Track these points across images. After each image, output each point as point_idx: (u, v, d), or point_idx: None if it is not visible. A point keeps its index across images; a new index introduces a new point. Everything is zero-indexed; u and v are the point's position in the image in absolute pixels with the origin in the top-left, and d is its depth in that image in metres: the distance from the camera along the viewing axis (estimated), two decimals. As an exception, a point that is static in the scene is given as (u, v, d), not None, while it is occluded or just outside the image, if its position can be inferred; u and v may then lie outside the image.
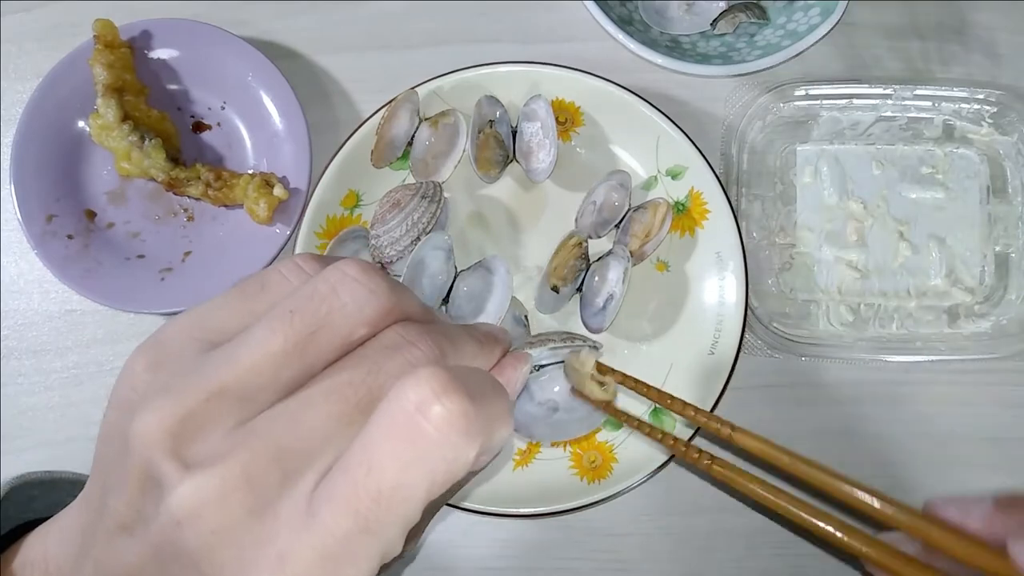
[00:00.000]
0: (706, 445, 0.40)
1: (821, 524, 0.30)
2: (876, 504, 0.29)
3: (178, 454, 0.22)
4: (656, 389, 0.34)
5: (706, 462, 0.33)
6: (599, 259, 0.46)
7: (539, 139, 0.47)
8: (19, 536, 0.27)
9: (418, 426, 0.21)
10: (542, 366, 0.45)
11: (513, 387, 0.29)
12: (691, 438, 0.44)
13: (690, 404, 0.34)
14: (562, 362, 0.44)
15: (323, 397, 0.23)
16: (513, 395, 0.29)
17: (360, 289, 0.25)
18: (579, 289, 0.46)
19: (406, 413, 0.22)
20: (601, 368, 0.35)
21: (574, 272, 0.45)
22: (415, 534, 0.28)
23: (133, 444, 0.23)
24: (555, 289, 0.45)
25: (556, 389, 0.45)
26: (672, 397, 0.34)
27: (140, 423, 0.23)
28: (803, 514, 0.30)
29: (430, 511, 0.27)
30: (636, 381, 0.35)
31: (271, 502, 0.22)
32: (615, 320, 0.46)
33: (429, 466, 0.22)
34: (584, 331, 0.46)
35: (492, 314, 0.44)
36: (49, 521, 0.27)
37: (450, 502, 0.43)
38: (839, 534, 0.29)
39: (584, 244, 0.46)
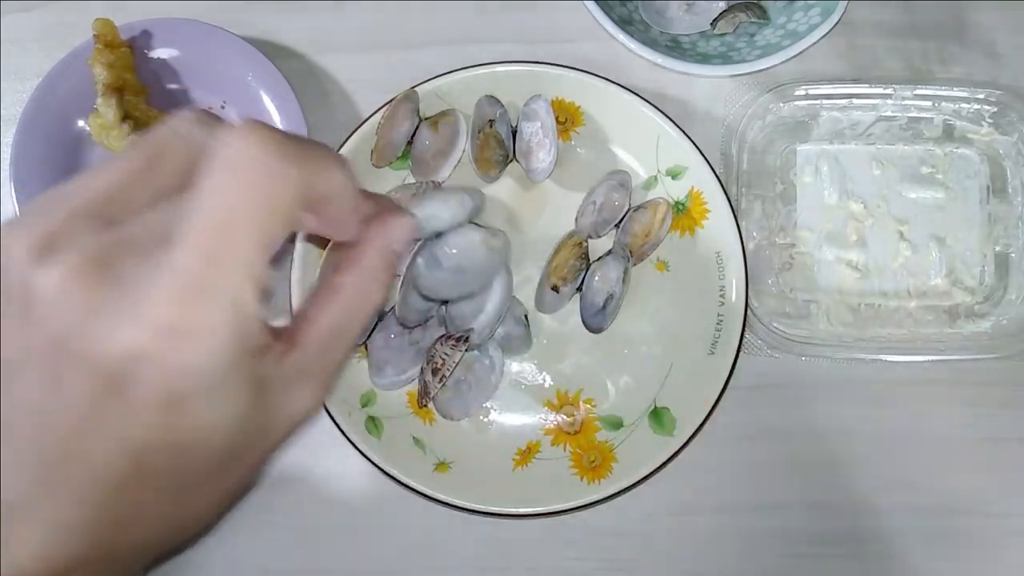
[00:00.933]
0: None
1: None
2: None
3: (41, 259, 0.24)
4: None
5: None
6: (599, 259, 0.46)
7: (539, 139, 0.47)
8: None
9: (234, 156, 0.24)
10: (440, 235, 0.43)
11: (402, 241, 0.31)
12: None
13: None
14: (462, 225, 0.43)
15: (170, 202, 0.26)
16: (399, 248, 0.31)
17: (192, 121, 0.28)
18: (579, 289, 0.46)
19: (226, 151, 0.24)
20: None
21: (574, 272, 0.45)
22: (315, 380, 0.29)
23: (4, 268, 0.24)
24: (555, 289, 0.45)
25: (454, 251, 0.43)
26: None
27: (5, 249, 0.24)
28: None
29: (321, 350, 0.29)
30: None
31: (122, 271, 0.24)
32: (615, 320, 0.46)
33: (254, 189, 0.24)
34: (585, 331, 0.46)
35: (492, 314, 0.44)
36: None
37: (449, 503, 0.43)
38: None
39: (584, 244, 0.46)
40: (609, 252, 0.46)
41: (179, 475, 0.26)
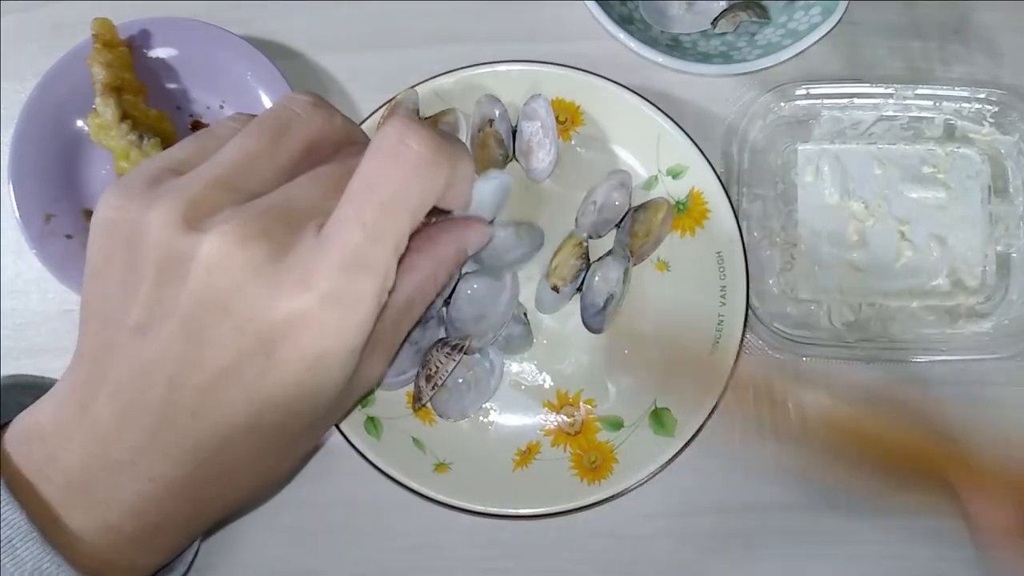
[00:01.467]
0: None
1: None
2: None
3: (196, 227, 0.26)
4: None
5: None
6: (599, 259, 0.46)
7: (539, 138, 0.47)
8: None
9: (402, 150, 0.27)
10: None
11: (469, 240, 0.36)
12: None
13: None
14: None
15: (307, 180, 0.29)
16: (472, 252, 0.36)
17: (308, 104, 0.31)
18: (579, 289, 0.46)
19: (391, 143, 0.27)
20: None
21: (574, 272, 0.45)
22: (385, 352, 0.32)
23: (147, 239, 0.26)
24: (555, 289, 0.45)
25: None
26: None
27: (149, 222, 0.26)
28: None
29: (394, 324, 0.32)
30: None
31: (284, 246, 0.26)
32: (615, 320, 0.46)
33: (414, 180, 0.27)
34: (585, 331, 0.46)
35: (495, 321, 0.44)
36: (34, 404, 0.29)
37: (449, 503, 0.43)
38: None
39: (584, 244, 0.46)
40: (609, 252, 0.46)
41: (282, 434, 0.29)
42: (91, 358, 0.27)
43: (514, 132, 0.48)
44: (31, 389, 0.32)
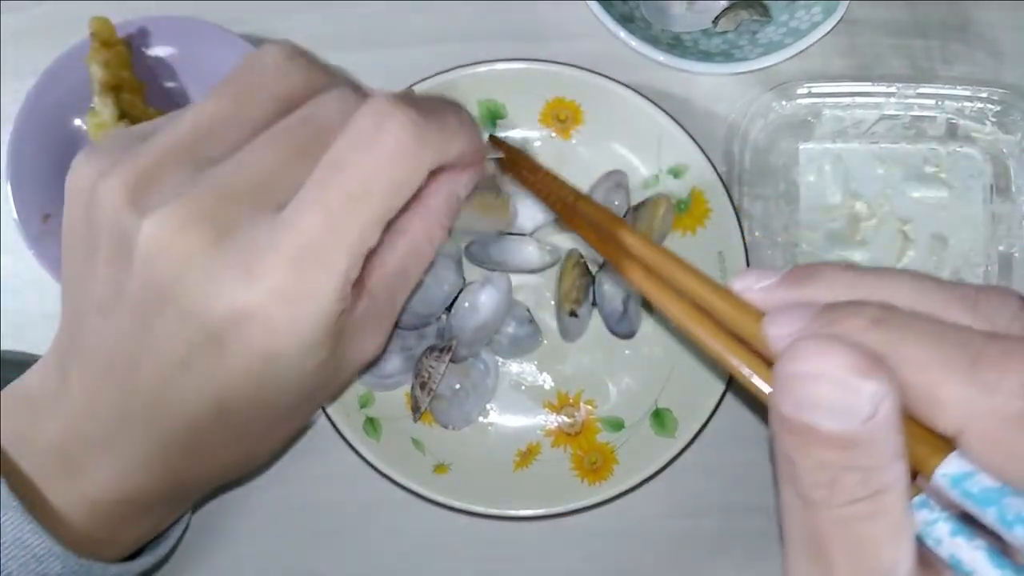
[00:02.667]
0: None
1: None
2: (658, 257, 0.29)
3: (138, 205, 0.24)
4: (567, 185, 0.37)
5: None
6: (600, 266, 0.46)
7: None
8: None
9: (375, 137, 0.24)
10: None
11: (469, 187, 0.32)
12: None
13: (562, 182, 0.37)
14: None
15: (266, 143, 0.26)
16: (464, 193, 0.32)
17: (282, 54, 0.28)
18: (595, 304, 0.46)
19: (366, 125, 0.25)
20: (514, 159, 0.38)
21: (583, 290, 0.45)
22: (379, 326, 0.30)
23: (97, 215, 0.25)
24: (573, 314, 0.45)
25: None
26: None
27: (100, 195, 0.25)
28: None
29: (388, 296, 0.30)
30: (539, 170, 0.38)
31: (231, 229, 0.24)
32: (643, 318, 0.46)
33: (388, 170, 0.25)
34: (585, 332, 0.46)
35: (481, 322, 0.44)
36: (26, 372, 0.29)
37: (449, 505, 0.43)
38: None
39: (582, 259, 0.46)
40: None
41: (254, 421, 0.27)
42: (68, 331, 0.27)
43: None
44: (18, 366, 0.32)
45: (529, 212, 0.46)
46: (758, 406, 0.47)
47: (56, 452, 0.26)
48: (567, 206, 0.38)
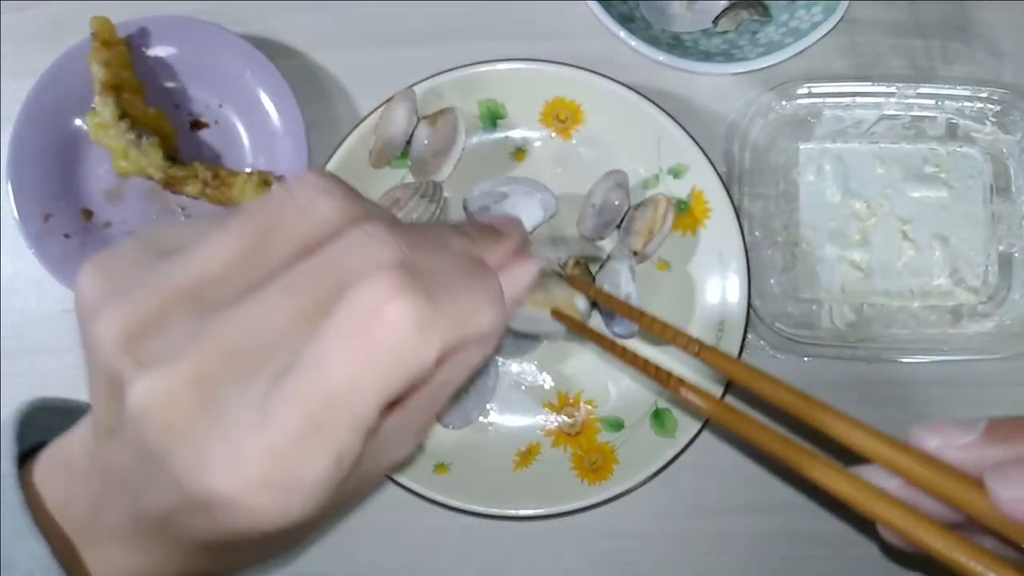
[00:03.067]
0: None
1: (796, 457, 0.27)
2: (847, 431, 0.26)
3: (134, 354, 0.22)
4: (627, 305, 0.33)
5: (675, 384, 0.31)
6: (601, 267, 0.46)
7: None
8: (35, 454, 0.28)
9: (368, 327, 0.21)
10: None
11: (514, 288, 0.27)
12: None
13: (660, 320, 0.32)
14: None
15: (278, 294, 0.23)
16: (518, 295, 0.28)
17: (314, 187, 0.24)
18: (594, 304, 0.46)
19: (357, 314, 0.21)
20: (578, 283, 0.33)
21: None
22: (413, 433, 0.27)
23: (94, 350, 0.23)
24: None
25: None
26: (643, 313, 0.32)
27: (98, 327, 0.23)
28: (776, 446, 0.27)
29: (425, 407, 0.27)
30: (608, 296, 0.33)
31: (222, 401, 0.22)
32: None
33: (380, 368, 0.21)
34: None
35: None
36: (70, 430, 0.28)
37: (449, 505, 0.43)
38: (807, 466, 0.26)
39: (582, 260, 0.46)
40: (609, 257, 0.46)
41: (259, 547, 0.26)
42: (93, 419, 0.26)
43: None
44: (57, 412, 0.31)
45: (528, 210, 0.46)
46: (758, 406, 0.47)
47: (84, 528, 0.26)
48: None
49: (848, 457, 0.27)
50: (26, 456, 0.28)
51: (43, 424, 0.30)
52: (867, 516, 0.25)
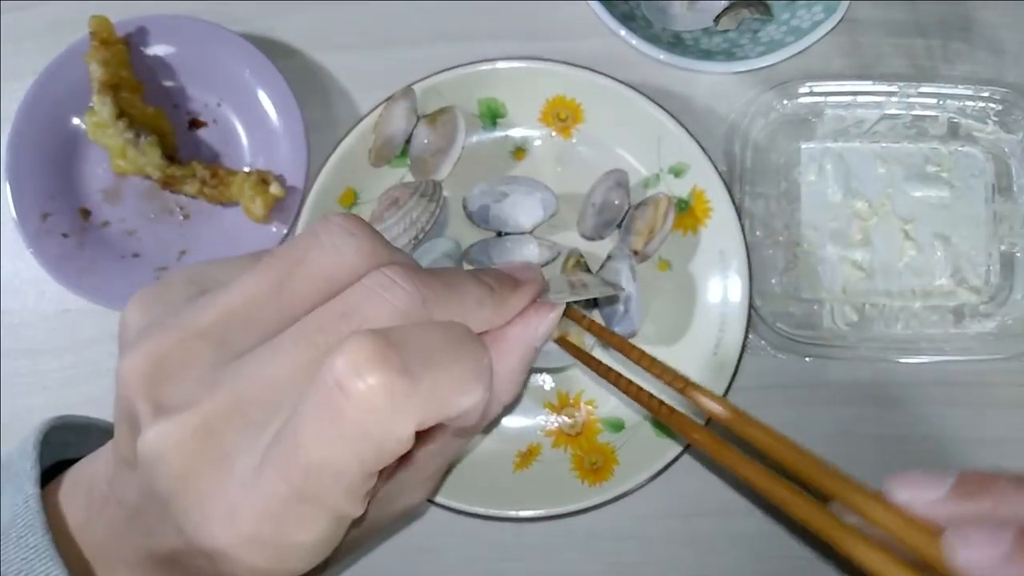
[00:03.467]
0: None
1: (783, 494, 0.27)
2: (822, 475, 0.27)
3: (151, 396, 0.23)
4: (620, 338, 0.32)
5: (678, 422, 0.30)
6: (601, 266, 0.46)
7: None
8: (56, 473, 0.28)
9: (337, 403, 0.20)
10: None
11: (534, 335, 0.27)
12: (707, 423, 0.43)
13: (648, 355, 0.31)
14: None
15: (292, 342, 0.23)
16: (538, 342, 0.27)
17: (339, 229, 0.24)
18: (595, 303, 0.46)
19: (327, 388, 0.21)
20: (571, 314, 0.33)
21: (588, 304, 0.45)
22: (423, 482, 0.27)
23: (119, 385, 0.23)
24: None
25: None
26: (635, 348, 0.32)
27: (123, 364, 0.23)
28: (768, 484, 0.28)
29: (427, 467, 0.27)
30: (600, 328, 0.32)
31: (230, 454, 0.22)
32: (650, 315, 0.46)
33: (352, 444, 0.21)
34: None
35: None
36: (98, 450, 0.28)
37: (449, 506, 0.43)
38: (797, 505, 0.27)
39: (581, 259, 0.46)
40: (609, 257, 0.46)
41: None
42: (115, 445, 0.26)
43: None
44: (74, 429, 0.31)
45: (528, 210, 0.46)
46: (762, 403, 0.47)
47: (103, 553, 0.26)
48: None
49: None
50: (44, 473, 0.28)
51: (61, 441, 0.30)
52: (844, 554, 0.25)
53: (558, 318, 0.28)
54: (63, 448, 0.29)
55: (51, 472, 0.28)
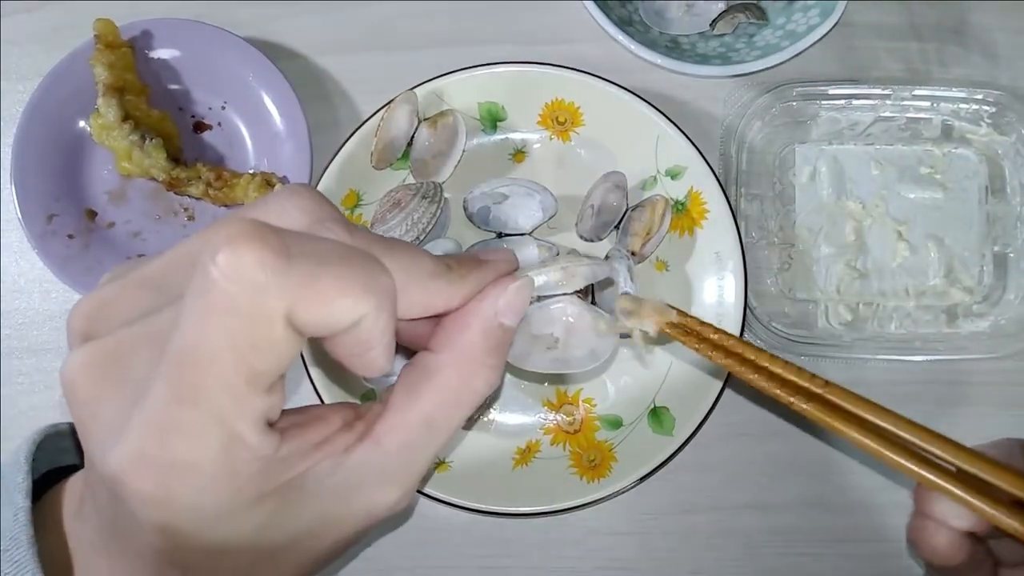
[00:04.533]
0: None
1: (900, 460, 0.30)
2: (921, 443, 0.30)
3: (82, 332, 0.23)
4: (735, 336, 0.32)
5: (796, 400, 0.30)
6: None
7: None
8: (53, 481, 0.28)
9: (211, 277, 0.19)
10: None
11: (493, 306, 0.26)
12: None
13: (766, 352, 0.30)
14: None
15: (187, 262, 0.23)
16: (506, 318, 0.26)
17: (288, 192, 0.24)
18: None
19: (204, 266, 0.20)
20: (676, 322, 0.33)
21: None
22: (394, 480, 0.25)
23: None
24: None
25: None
26: (754, 348, 0.31)
27: (70, 316, 0.24)
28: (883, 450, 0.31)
29: (395, 458, 0.25)
30: (712, 328, 0.32)
31: (135, 377, 0.22)
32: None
33: (221, 320, 0.20)
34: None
35: None
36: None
37: (449, 502, 0.43)
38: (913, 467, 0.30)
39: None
40: (607, 258, 0.46)
41: (223, 570, 0.24)
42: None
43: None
44: (68, 435, 0.32)
45: (527, 212, 0.47)
46: (761, 401, 0.47)
47: (94, 549, 0.25)
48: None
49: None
50: (43, 480, 0.28)
51: (57, 447, 0.30)
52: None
53: (524, 292, 0.26)
54: (60, 454, 0.29)
55: (53, 478, 0.28)
